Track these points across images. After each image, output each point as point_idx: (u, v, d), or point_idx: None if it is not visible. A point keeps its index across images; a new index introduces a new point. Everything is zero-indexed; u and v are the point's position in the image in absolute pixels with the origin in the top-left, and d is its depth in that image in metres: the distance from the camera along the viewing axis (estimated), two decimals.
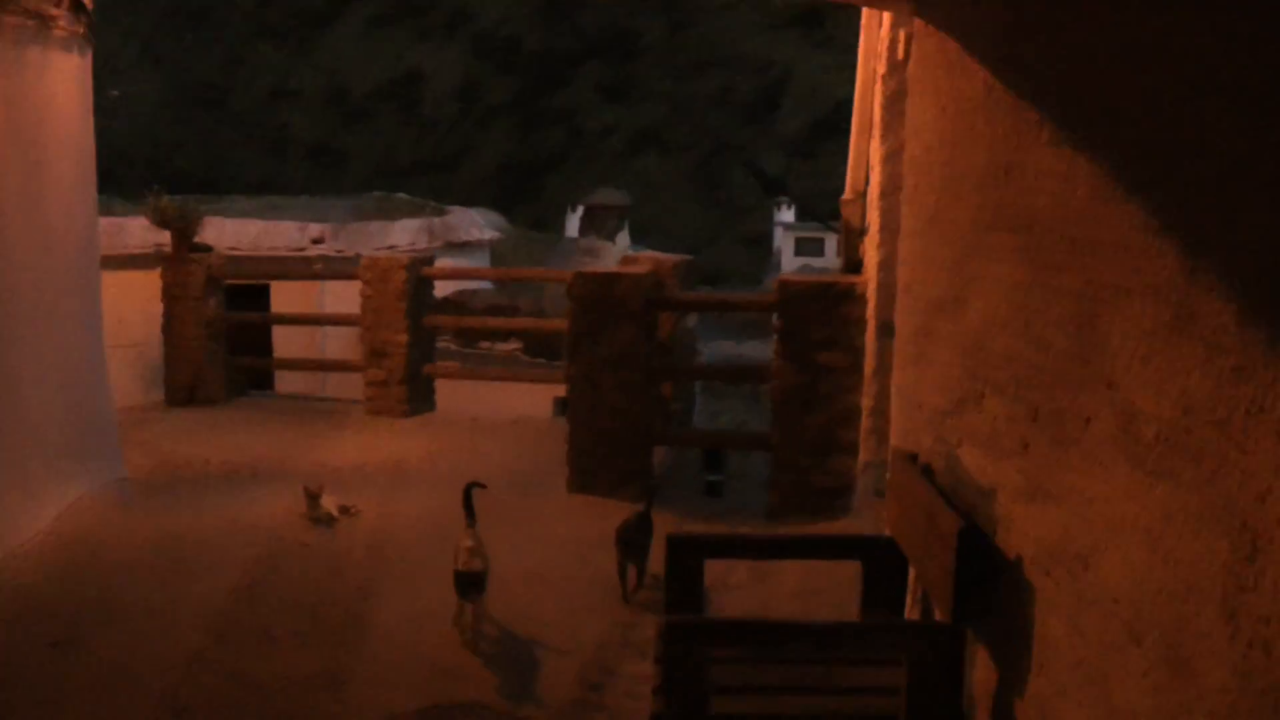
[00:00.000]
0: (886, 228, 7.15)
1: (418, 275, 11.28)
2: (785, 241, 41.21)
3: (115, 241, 13.48)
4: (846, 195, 8.20)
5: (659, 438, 8.90)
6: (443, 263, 13.63)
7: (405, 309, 11.16)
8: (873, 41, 7.49)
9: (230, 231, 15.37)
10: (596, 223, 34.09)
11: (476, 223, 20.38)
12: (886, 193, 7.12)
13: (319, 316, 14.07)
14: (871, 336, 7.48)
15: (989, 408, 3.62)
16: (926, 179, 4.56)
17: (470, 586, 5.63)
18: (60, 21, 7.63)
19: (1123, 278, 2.73)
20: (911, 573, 4.38)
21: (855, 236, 8.08)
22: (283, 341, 14.65)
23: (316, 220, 16.98)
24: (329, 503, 7.83)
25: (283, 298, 14.79)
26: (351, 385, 12.05)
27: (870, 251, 7.58)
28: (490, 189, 42.51)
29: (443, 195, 23.61)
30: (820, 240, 38.46)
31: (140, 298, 12.33)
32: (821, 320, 7.78)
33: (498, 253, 21.58)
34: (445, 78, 50.22)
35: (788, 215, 42.49)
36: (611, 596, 6.26)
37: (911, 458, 4.30)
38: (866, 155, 7.88)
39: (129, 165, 32.17)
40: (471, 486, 6.24)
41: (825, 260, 35.39)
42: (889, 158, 7.06)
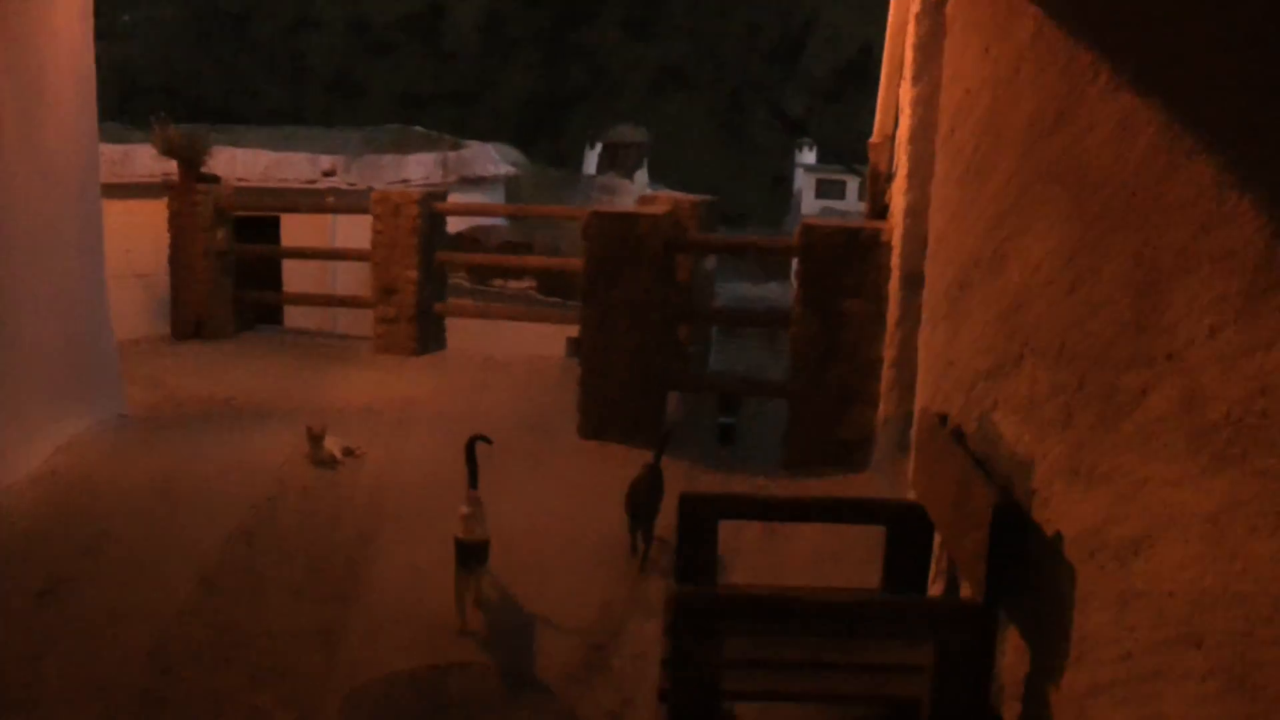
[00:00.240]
0: (915, 174, 6.87)
1: (430, 210, 11.01)
2: (806, 184, 40.72)
3: (122, 169, 13.22)
4: (875, 138, 7.90)
5: (674, 383, 8.66)
6: (457, 198, 13.34)
7: (417, 245, 10.90)
8: None
9: (240, 162, 15.07)
10: (616, 160, 33.67)
11: (492, 158, 20.04)
12: (916, 137, 6.83)
13: (329, 251, 13.79)
14: (896, 286, 7.22)
15: (1029, 372, 3.36)
16: (966, 125, 4.27)
17: (471, 557, 5.22)
18: None
19: (1189, 239, 2.47)
20: (937, 540, 4.15)
21: (882, 181, 7.78)
22: (293, 276, 14.39)
23: (329, 152, 16.65)
24: (332, 444, 7.61)
25: (293, 231, 14.51)
26: (362, 322, 11.80)
27: (897, 197, 7.30)
28: (510, 124, 42.05)
29: (463, 129, 23.23)
30: (842, 183, 38.02)
31: (147, 227, 12.06)
32: (845, 267, 7.51)
33: (514, 189, 21.24)
34: (468, 10, 49.55)
35: (809, 157, 41.97)
36: (618, 551, 6.04)
37: (941, 419, 4.04)
38: (896, 98, 7.57)
39: (144, 93, 31.79)
40: (475, 441, 5.66)
41: (846, 203, 34.99)
42: (920, 101, 6.76)
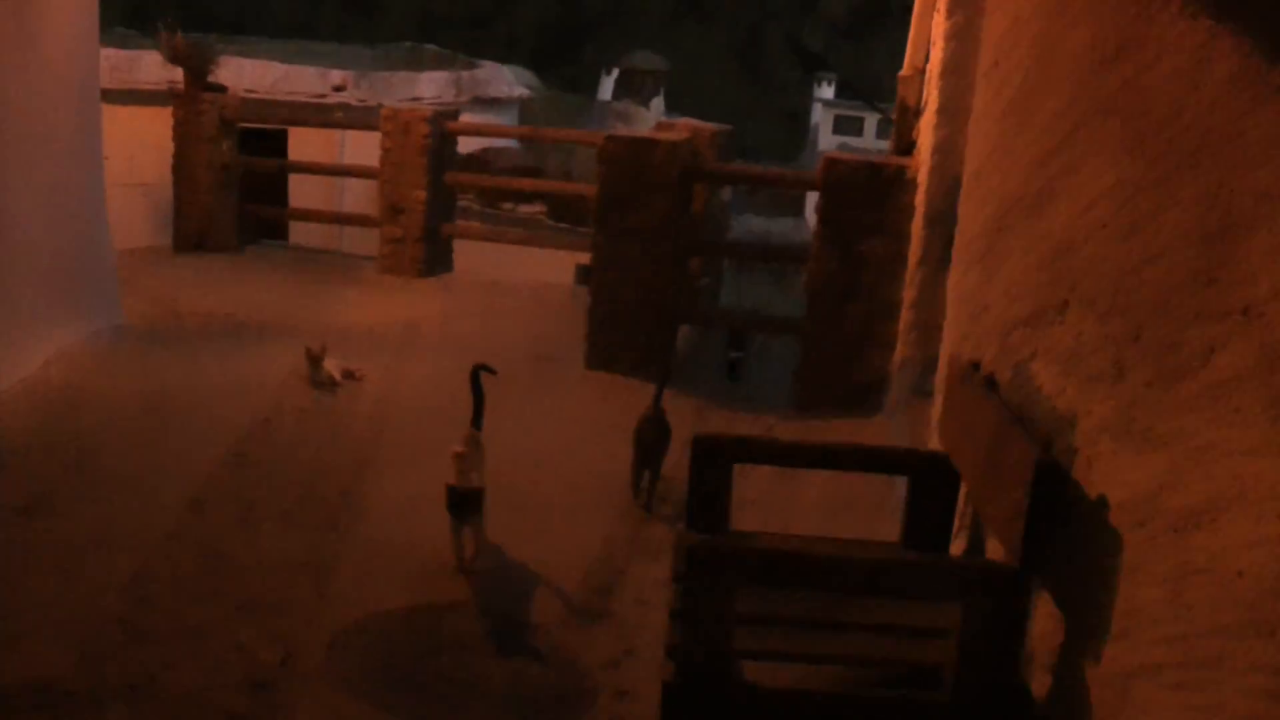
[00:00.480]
0: (945, 109, 6.59)
1: (441, 130, 10.71)
2: (824, 119, 40.19)
3: (127, 75, 12.88)
4: (904, 72, 7.60)
5: (685, 316, 8.43)
6: (469, 119, 13.03)
7: (426, 164, 10.60)
8: None
9: (249, 73, 14.70)
10: (632, 87, 33.23)
11: (506, 79, 19.65)
12: (948, 71, 6.54)
13: (336, 167, 13.46)
14: (919, 225, 6.96)
15: (1074, 321, 3.12)
16: (1012, 56, 4.00)
17: (463, 505, 4.84)
18: None
19: (1271, 182, 2.22)
20: (961, 493, 3.92)
21: (910, 116, 7.49)
22: (299, 191, 14.08)
23: (340, 67, 16.29)
24: (332, 366, 7.40)
25: (300, 146, 14.18)
26: (368, 241, 11.55)
27: (925, 133, 7.02)
28: (526, 49, 41.51)
29: (478, 52, 22.76)
30: (860, 120, 37.50)
31: (151, 136, 11.75)
32: (868, 204, 7.24)
33: (527, 112, 20.87)
34: None
35: (827, 92, 41.42)
36: (622, 490, 5.81)
37: (973, 367, 3.81)
38: (928, 31, 7.26)
39: (157, 2, 31.30)
40: (480, 371, 5.32)
41: (864, 140, 34.53)
42: (954, 34, 6.47)
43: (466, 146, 13.09)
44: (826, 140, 36.28)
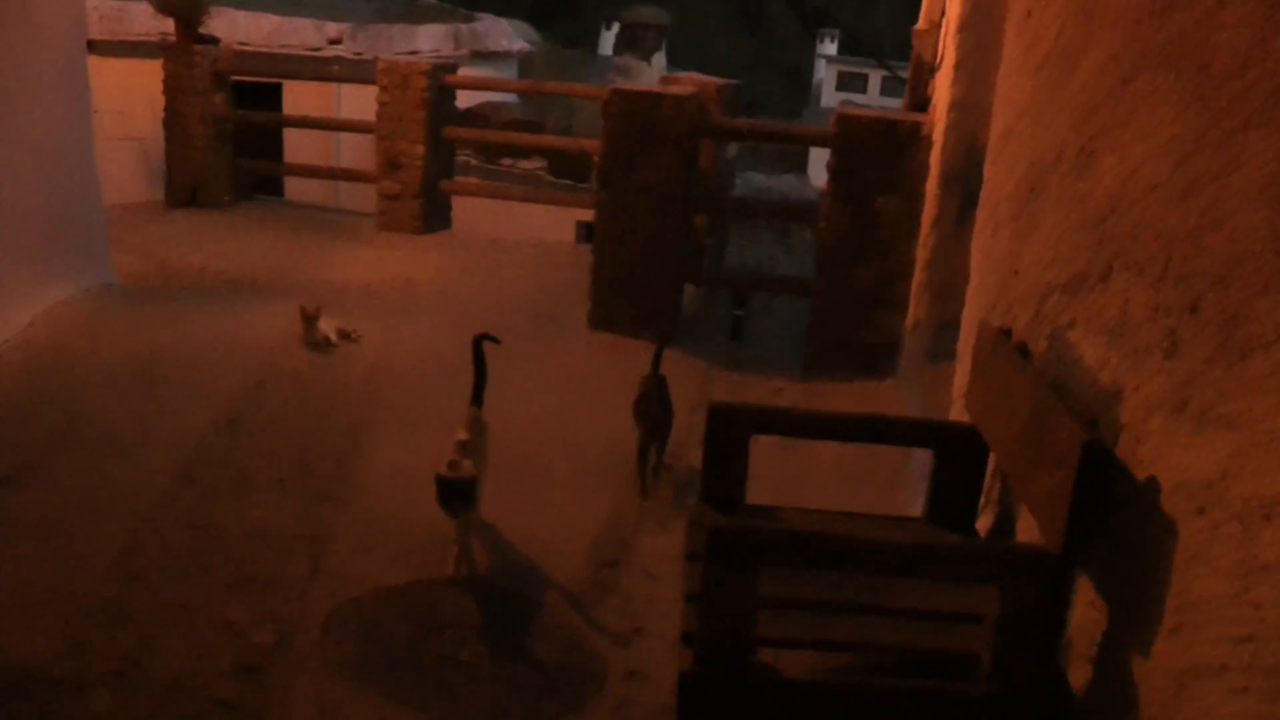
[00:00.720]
0: (963, 64, 6.35)
1: (439, 83, 10.44)
2: (827, 75, 39.82)
3: (117, 26, 12.54)
4: (920, 25, 7.34)
5: (691, 275, 8.21)
6: (467, 73, 12.74)
7: (424, 119, 10.35)
8: None
9: (242, 25, 14.35)
10: (633, 41, 32.80)
11: (506, 32, 19.34)
12: (967, 25, 6.30)
13: (332, 121, 13.20)
14: (934, 183, 6.73)
15: (1120, 289, 2.90)
16: (1049, 7, 3.76)
17: (455, 498, 4.33)
18: None
19: None
20: (989, 467, 3.73)
21: (925, 72, 7.24)
22: (295, 146, 13.82)
23: (337, 19, 15.96)
24: (327, 326, 7.18)
25: (296, 99, 13.89)
26: (365, 197, 11.31)
27: (941, 89, 6.78)
28: (526, 2, 41.02)
29: (477, 5, 22.40)
30: (864, 76, 37.13)
31: (143, 89, 11.45)
32: (881, 161, 7.01)
33: (526, 67, 20.57)
34: None
35: (830, 48, 41.00)
36: (628, 456, 5.56)
37: (1004, 334, 3.59)
38: None
39: None
40: (483, 340, 5.02)
41: (867, 98, 34.18)
42: None
43: (465, 101, 12.79)
44: (830, 97, 35.96)
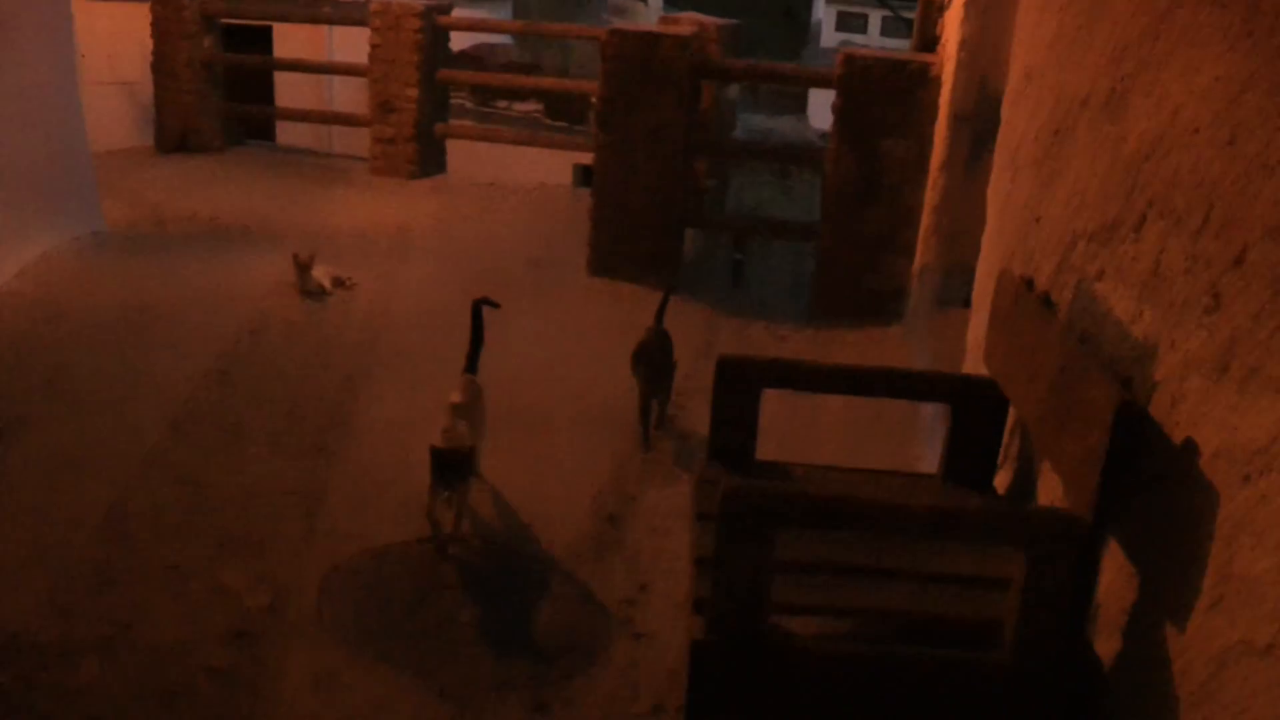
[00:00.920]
0: (974, 2, 6.16)
1: (433, 25, 10.22)
2: (826, 15, 39.33)
3: None
4: None
5: (692, 220, 8.04)
6: (461, 14, 12.48)
7: (417, 61, 10.14)
8: None
9: None
10: None
11: None
12: None
13: (324, 65, 12.96)
14: (943, 126, 6.57)
15: (1154, 238, 2.75)
16: None
17: (450, 470, 4.05)
18: None
19: None
20: (1008, 423, 3.59)
21: (934, 10, 7.04)
22: (285, 90, 13.55)
23: None
24: (321, 274, 7.03)
25: (286, 42, 13.61)
26: (358, 141, 11.10)
27: (950, 28, 6.59)
28: None
29: None
30: (864, 16, 36.70)
31: (131, 33, 11.22)
32: (889, 103, 6.83)
33: (521, 7, 20.24)
34: None
35: None
36: (630, 406, 5.41)
37: (1027, 284, 3.44)
38: None
39: None
40: (482, 305, 4.73)
41: (867, 38, 33.81)
42: None
43: (459, 43, 12.53)
44: (829, 37, 35.56)
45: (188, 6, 10.61)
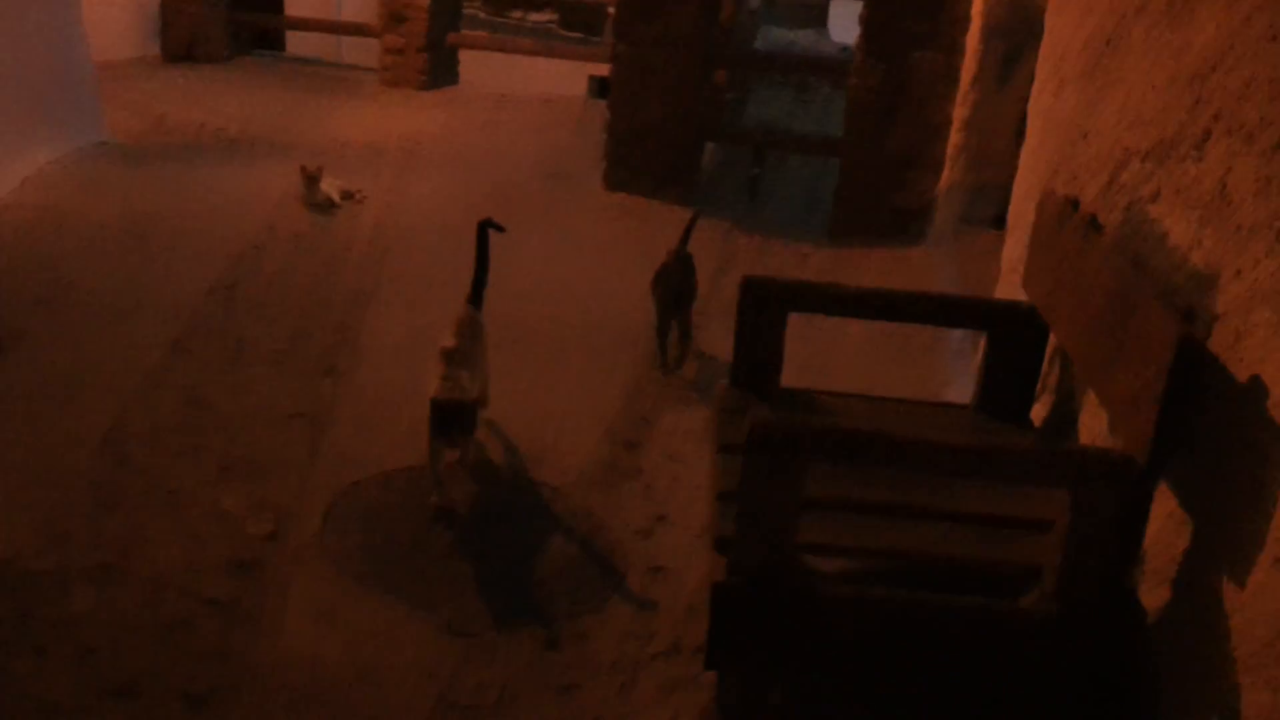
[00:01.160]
0: None
1: None
2: None
3: None
4: None
5: (712, 132, 7.81)
6: None
7: None
8: None
9: None
10: None
11: None
12: None
13: None
14: (976, 37, 6.32)
15: (1218, 157, 2.54)
16: None
17: (450, 423, 3.74)
18: None
19: None
20: (1047, 351, 3.41)
21: None
22: None
23: None
24: (329, 186, 6.84)
25: None
26: (368, 52, 10.83)
27: None
28: None
29: None
30: None
31: None
32: (918, 13, 6.57)
33: None
34: None
35: None
36: (648, 326, 5.19)
37: (1071, 205, 3.24)
38: None
39: None
40: (487, 227, 4.37)
41: None
42: None
43: None
44: None
45: None
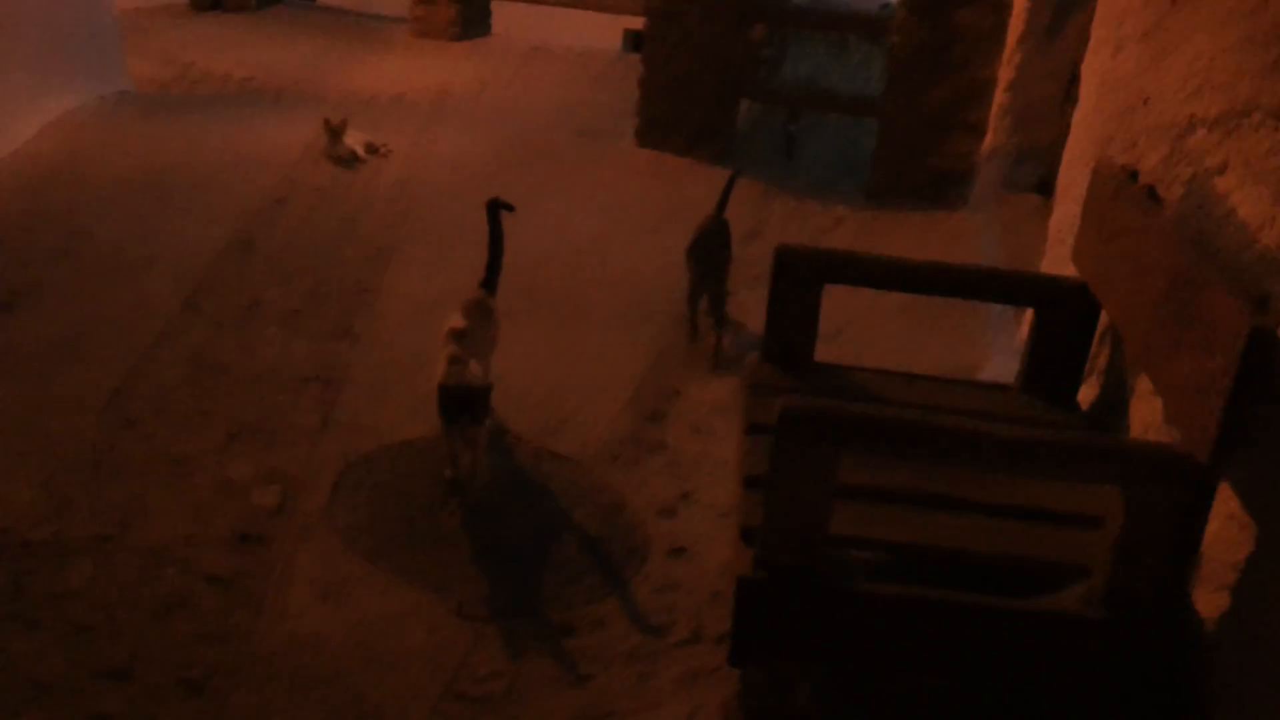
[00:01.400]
0: None
1: None
2: None
3: None
4: None
5: (748, 89, 7.57)
6: None
7: None
8: None
9: None
10: None
11: None
12: None
13: None
14: None
15: None
16: None
17: (460, 409, 3.52)
18: None
19: None
20: (1098, 331, 3.21)
21: None
22: None
23: None
24: (354, 140, 6.66)
25: None
26: (399, 1, 10.62)
27: None
28: None
29: None
30: None
31: None
32: None
33: None
34: None
35: None
36: (678, 290, 5.00)
37: (1129, 175, 3.03)
38: None
39: None
40: (498, 207, 4.14)
41: None
42: None
43: None
44: None
45: None
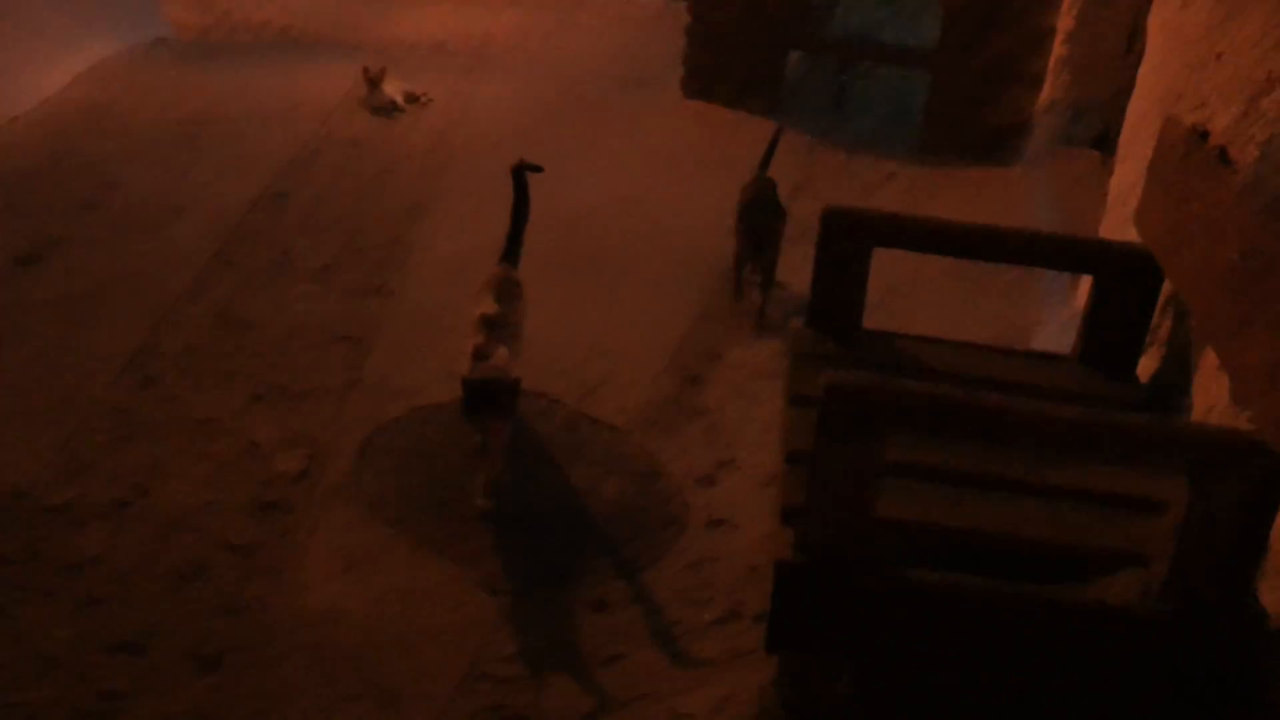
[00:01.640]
0: None
1: None
2: None
3: None
4: None
5: (796, 39, 7.37)
6: None
7: None
8: None
9: None
10: None
11: None
12: None
13: None
14: None
15: None
16: None
17: (485, 403, 3.21)
18: None
19: None
20: (1160, 300, 3.03)
21: None
22: None
23: None
24: (393, 89, 6.52)
25: None
26: None
27: None
28: None
29: None
30: None
31: None
32: None
33: None
34: None
35: None
36: (722, 248, 4.83)
37: (1199, 135, 2.84)
38: None
39: None
40: (524, 169, 3.89)
41: None
42: None
43: None
44: None
45: None
